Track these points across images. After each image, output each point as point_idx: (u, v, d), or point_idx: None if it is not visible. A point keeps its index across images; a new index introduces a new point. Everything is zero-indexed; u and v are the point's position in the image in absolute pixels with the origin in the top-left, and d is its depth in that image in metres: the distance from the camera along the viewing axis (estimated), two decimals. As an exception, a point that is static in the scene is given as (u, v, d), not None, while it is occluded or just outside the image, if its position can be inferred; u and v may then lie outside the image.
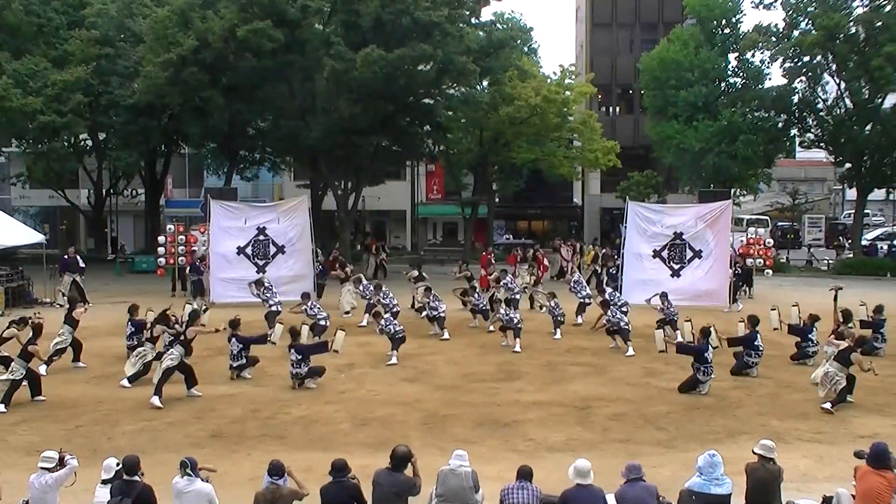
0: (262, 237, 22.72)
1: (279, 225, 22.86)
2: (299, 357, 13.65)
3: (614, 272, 23.08)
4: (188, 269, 24.18)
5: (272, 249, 22.72)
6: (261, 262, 22.57)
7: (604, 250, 28.29)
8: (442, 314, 18.26)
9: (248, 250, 22.69)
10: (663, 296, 17.86)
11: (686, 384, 13.45)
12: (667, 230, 21.84)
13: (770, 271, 27.12)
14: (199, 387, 13.56)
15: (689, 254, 21.70)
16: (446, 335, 17.99)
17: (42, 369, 14.11)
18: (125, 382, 13.65)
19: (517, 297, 19.68)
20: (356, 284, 20.63)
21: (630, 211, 22.37)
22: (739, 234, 29.09)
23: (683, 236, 21.73)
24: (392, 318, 16.45)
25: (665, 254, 21.77)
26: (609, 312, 17.07)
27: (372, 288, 19.41)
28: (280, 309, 18.30)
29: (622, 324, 16.68)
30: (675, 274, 21.49)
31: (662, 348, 15.16)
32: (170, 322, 14.38)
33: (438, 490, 7.73)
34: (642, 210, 22.85)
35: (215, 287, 22.26)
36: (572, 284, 20.27)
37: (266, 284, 19.17)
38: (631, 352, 16.19)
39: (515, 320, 16.82)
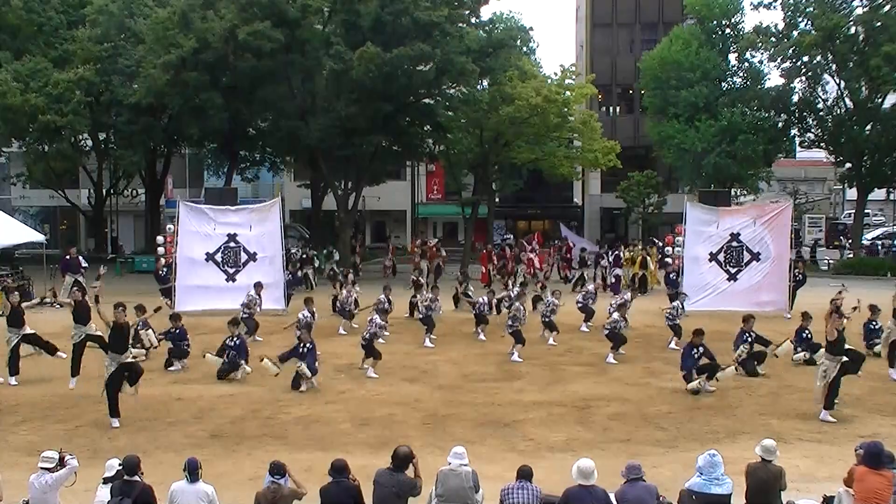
0: (232, 244, 21.42)
1: (251, 231, 21.54)
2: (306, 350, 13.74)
3: (674, 277, 21.86)
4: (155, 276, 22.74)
5: (243, 257, 21.42)
6: (231, 270, 21.30)
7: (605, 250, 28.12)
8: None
9: (218, 257, 21.33)
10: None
11: (707, 367, 13.57)
12: (723, 232, 20.99)
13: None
14: (199, 386, 13.66)
15: (747, 256, 20.85)
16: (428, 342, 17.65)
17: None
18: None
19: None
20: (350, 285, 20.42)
21: (688, 212, 21.43)
22: None
23: (740, 237, 20.89)
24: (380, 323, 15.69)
25: (721, 257, 20.95)
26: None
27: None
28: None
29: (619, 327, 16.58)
30: (732, 278, 20.69)
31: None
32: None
33: (438, 490, 7.73)
34: (699, 211, 21.70)
35: (180, 294, 20.79)
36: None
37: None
38: (611, 359, 15.93)
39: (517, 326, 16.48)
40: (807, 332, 15.68)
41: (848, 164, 35.58)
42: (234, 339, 14.62)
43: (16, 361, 14.09)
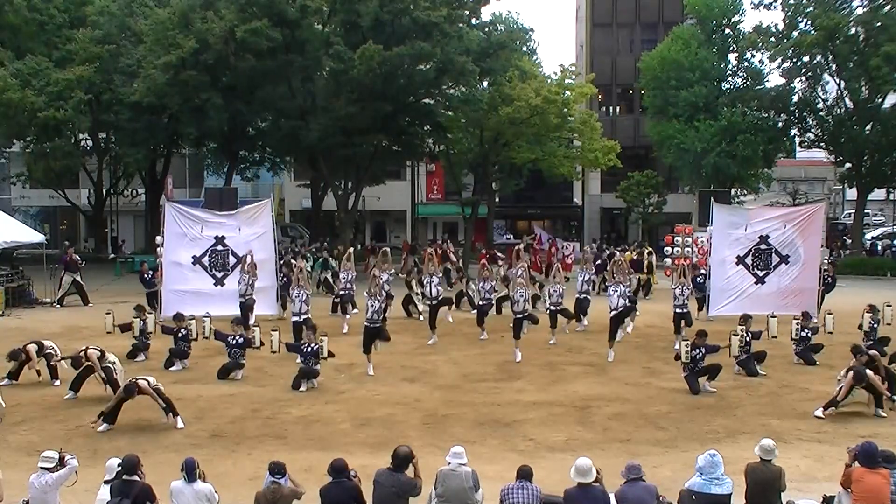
0: (220, 247, 20.54)
1: (240, 234, 20.57)
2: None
3: (701, 281, 21.25)
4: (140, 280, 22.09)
5: (232, 260, 20.51)
6: (219, 275, 20.47)
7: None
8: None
9: (205, 261, 20.49)
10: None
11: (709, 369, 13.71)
12: (751, 234, 20.39)
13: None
14: (199, 386, 13.68)
15: (776, 259, 20.24)
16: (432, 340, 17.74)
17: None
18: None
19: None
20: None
21: (715, 214, 20.77)
22: None
23: (770, 240, 20.28)
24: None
25: (749, 260, 20.32)
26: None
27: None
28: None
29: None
30: (760, 281, 20.21)
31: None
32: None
33: (438, 490, 7.73)
34: (726, 213, 20.95)
35: (168, 300, 19.81)
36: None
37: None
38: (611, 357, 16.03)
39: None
40: (806, 330, 15.71)
41: (848, 164, 35.61)
42: (237, 337, 14.69)
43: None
